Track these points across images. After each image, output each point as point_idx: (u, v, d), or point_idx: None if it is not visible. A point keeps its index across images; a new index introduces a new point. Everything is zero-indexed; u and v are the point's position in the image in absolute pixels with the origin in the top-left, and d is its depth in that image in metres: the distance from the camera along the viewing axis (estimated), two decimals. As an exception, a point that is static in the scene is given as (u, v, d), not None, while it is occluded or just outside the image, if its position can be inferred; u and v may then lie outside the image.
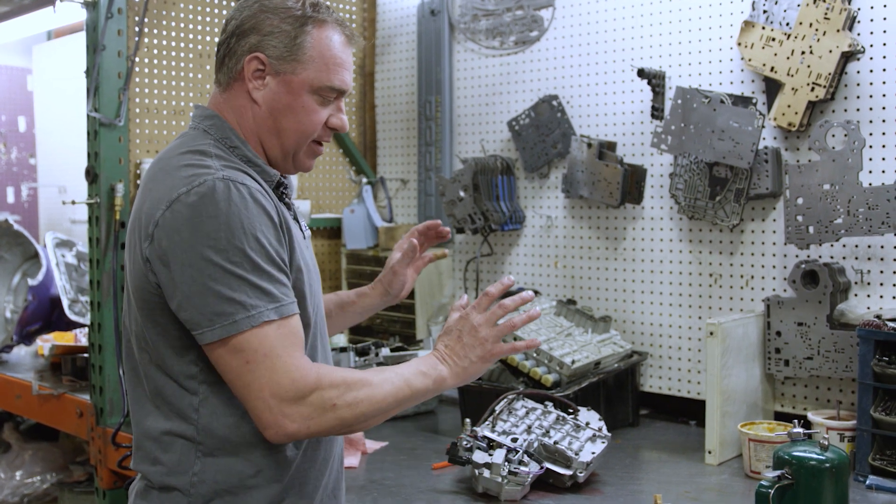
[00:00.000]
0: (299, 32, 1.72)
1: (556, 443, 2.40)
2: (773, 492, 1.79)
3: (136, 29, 3.15)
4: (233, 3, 3.49)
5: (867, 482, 2.32)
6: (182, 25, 3.33)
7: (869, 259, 2.66)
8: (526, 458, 2.34)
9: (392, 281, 2.20)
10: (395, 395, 1.67)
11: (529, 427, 2.47)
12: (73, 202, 3.03)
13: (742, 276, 2.92)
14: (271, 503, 1.69)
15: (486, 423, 2.49)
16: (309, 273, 1.75)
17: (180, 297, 1.57)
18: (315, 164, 3.75)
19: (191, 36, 3.36)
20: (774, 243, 2.84)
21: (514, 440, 2.39)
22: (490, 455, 2.34)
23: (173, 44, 3.31)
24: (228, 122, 1.75)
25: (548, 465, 2.35)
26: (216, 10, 3.42)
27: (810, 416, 2.56)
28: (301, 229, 1.84)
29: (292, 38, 1.72)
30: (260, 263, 1.57)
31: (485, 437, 2.41)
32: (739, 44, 2.79)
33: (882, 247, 2.63)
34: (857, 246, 2.67)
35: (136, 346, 1.70)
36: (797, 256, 2.75)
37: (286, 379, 1.56)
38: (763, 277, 2.88)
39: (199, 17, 3.38)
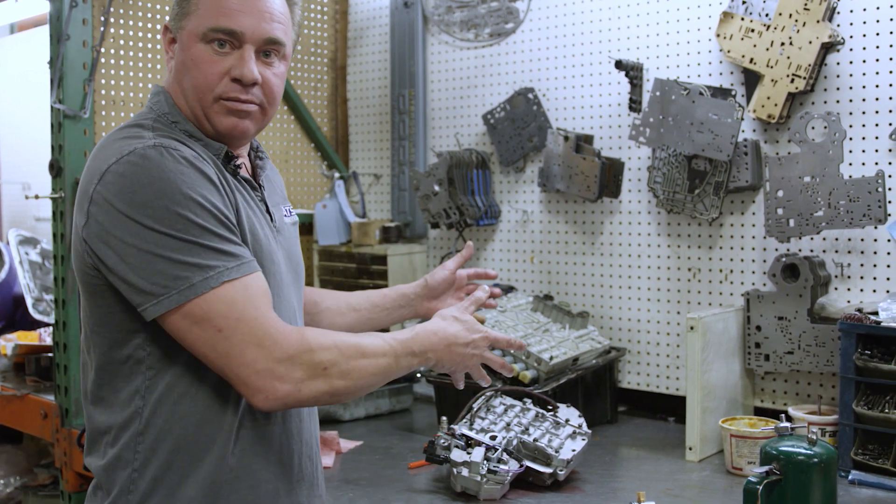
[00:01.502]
0: None
1: (535, 440, 2.35)
2: (761, 488, 1.75)
3: (102, 18, 3.06)
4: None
5: (849, 477, 2.30)
6: (149, 15, 3.25)
7: (849, 252, 2.63)
8: (505, 457, 2.29)
9: (437, 276, 2.22)
10: (385, 370, 1.63)
11: (508, 424, 2.42)
12: (37, 196, 2.94)
13: (721, 270, 2.89)
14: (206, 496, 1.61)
15: (464, 420, 2.43)
16: (262, 253, 1.64)
17: (125, 272, 1.47)
18: (286, 159, 3.71)
19: (158, 26, 3.27)
20: (754, 237, 2.81)
21: (493, 438, 2.33)
22: (468, 453, 2.28)
23: (140, 34, 3.23)
24: (171, 96, 1.69)
25: (527, 463, 2.30)
26: (184, 1, 3.34)
27: (791, 411, 2.54)
28: (268, 212, 1.75)
29: None
30: (207, 226, 1.49)
31: (463, 435, 2.36)
32: (718, 35, 2.75)
33: (862, 240, 2.61)
34: (837, 239, 2.65)
35: (84, 334, 1.64)
36: (777, 250, 2.72)
37: (269, 340, 1.48)
38: (742, 271, 2.84)
39: (167, 7, 3.30)
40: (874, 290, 2.60)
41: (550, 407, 2.54)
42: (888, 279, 2.58)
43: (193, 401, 1.58)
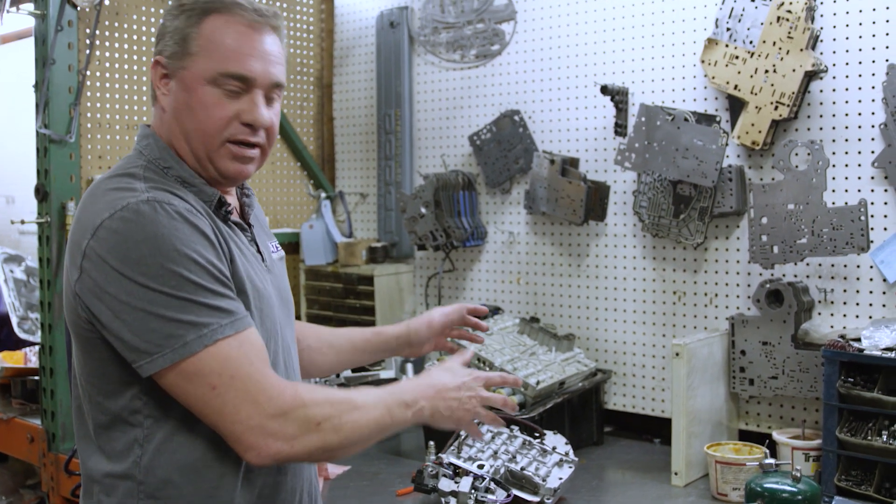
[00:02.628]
0: (188, 24, 1.62)
1: (523, 469, 2.36)
2: (746, 525, 1.77)
3: (88, 42, 3.05)
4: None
5: (833, 503, 2.31)
6: (135, 38, 3.25)
7: (832, 278, 2.66)
8: (493, 486, 2.30)
9: (420, 329, 2.14)
10: (378, 423, 1.59)
11: (496, 452, 2.43)
12: (23, 221, 2.93)
13: (706, 294, 2.91)
14: None
15: (452, 448, 2.45)
16: (259, 297, 1.64)
17: (119, 328, 1.47)
18: (273, 178, 3.72)
19: (144, 48, 3.27)
20: (738, 261, 2.84)
21: (481, 466, 2.35)
22: (456, 483, 2.30)
23: (126, 56, 3.22)
24: (163, 139, 1.66)
25: (515, 491, 2.32)
26: (170, 22, 3.34)
27: (775, 435, 2.56)
28: (259, 251, 1.75)
29: (182, 31, 1.62)
30: (201, 282, 1.48)
31: (451, 463, 2.37)
32: (703, 61, 2.78)
33: (845, 266, 2.64)
34: (820, 265, 2.67)
35: (79, 382, 1.62)
36: (761, 275, 2.74)
37: (263, 397, 1.47)
38: (727, 295, 2.87)
39: (153, 30, 3.29)
40: (857, 316, 2.63)
41: (537, 434, 2.55)
42: (871, 305, 2.60)
43: (192, 448, 1.57)
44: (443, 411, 1.72)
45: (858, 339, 2.42)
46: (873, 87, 2.58)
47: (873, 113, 2.58)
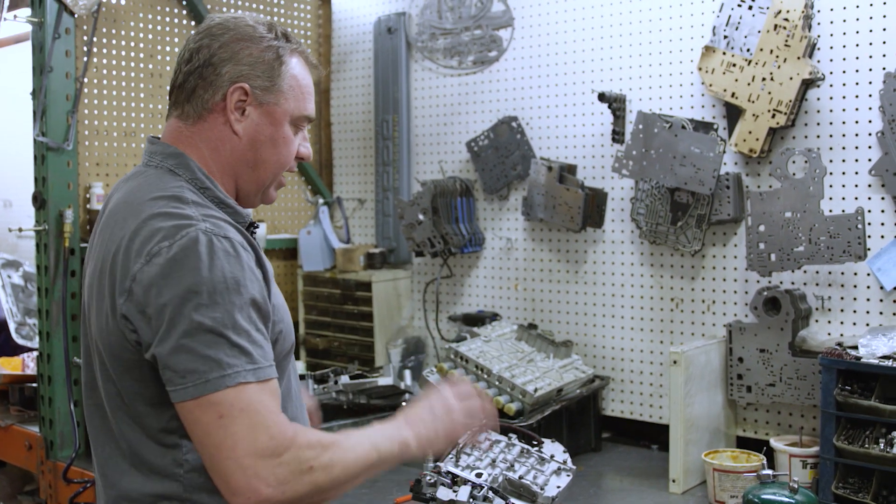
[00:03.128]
0: (279, 63, 1.68)
1: (521, 477, 2.36)
2: (744, 536, 1.78)
3: (85, 49, 3.05)
4: (185, 23, 3.41)
5: (830, 511, 2.32)
6: (132, 45, 3.25)
7: (829, 285, 2.66)
8: (490, 495, 2.30)
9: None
10: (366, 460, 1.58)
11: (494, 461, 2.43)
12: (20, 230, 2.93)
13: (704, 301, 2.91)
14: None
15: (450, 456, 2.45)
16: (284, 311, 1.72)
17: (158, 352, 1.48)
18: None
19: (141, 55, 3.27)
20: (736, 268, 2.84)
21: (479, 475, 2.34)
22: (454, 492, 2.29)
23: (123, 63, 3.22)
24: (194, 159, 1.66)
25: (513, 500, 2.31)
26: (167, 29, 3.34)
27: (772, 442, 2.57)
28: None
29: (274, 68, 1.67)
30: (240, 322, 1.49)
31: (449, 472, 2.37)
32: (700, 69, 2.78)
33: (842, 273, 2.64)
34: (817, 272, 2.68)
35: (109, 404, 1.60)
36: (758, 282, 2.75)
37: (264, 435, 1.46)
38: (725, 302, 2.87)
39: (150, 37, 3.30)
40: (854, 323, 2.63)
41: (535, 442, 2.55)
42: (868, 312, 2.61)
43: None
44: (432, 438, 1.73)
45: (856, 347, 2.42)
46: (870, 96, 2.59)
47: (870, 121, 2.59)
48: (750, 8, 2.73)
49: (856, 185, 2.62)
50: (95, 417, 1.65)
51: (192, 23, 3.40)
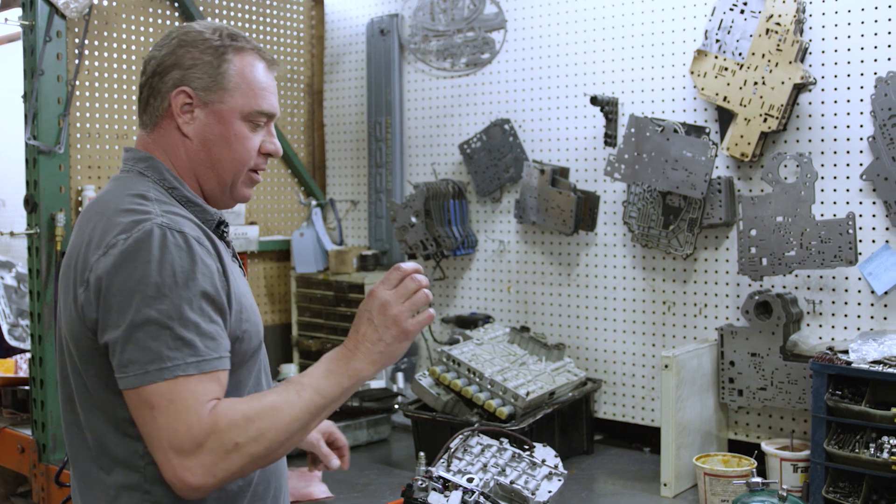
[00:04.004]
0: (221, 61, 1.71)
1: (512, 482, 2.36)
2: (733, 544, 1.78)
3: (76, 52, 3.05)
4: (176, 25, 3.40)
5: (821, 515, 2.33)
6: (124, 48, 3.24)
7: (821, 289, 2.67)
8: (482, 500, 2.30)
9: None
10: (307, 409, 1.57)
11: (485, 465, 2.43)
12: (12, 234, 2.92)
13: (695, 304, 2.92)
14: None
15: (442, 461, 2.45)
16: (250, 310, 1.72)
17: (108, 340, 1.52)
18: (263, 185, 3.71)
19: (133, 58, 3.27)
20: (727, 272, 2.85)
21: (470, 480, 2.34)
22: (446, 497, 2.29)
23: (115, 66, 3.21)
24: (162, 162, 1.72)
25: (504, 505, 2.32)
26: (159, 32, 3.34)
27: (763, 445, 2.57)
28: (239, 265, 1.83)
29: (215, 67, 1.71)
30: (187, 314, 1.52)
31: (440, 477, 2.37)
32: (692, 72, 2.78)
33: (833, 277, 2.65)
34: (809, 276, 2.68)
35: (78, 396, 1.64)
36: (750, 286, 2.76)
37: (183, 426, 1.47)
38: (716, 306, 2.88)
39: (142, 39, 3.29)
40: (845, 328, 2.64)
41: (527, 446, 2.55)
42: (859, 316, 2.61)
43: None
44: (382, 350, 1.63)
45: (846, 352, 2.43)
46: (861, 100, 2.59)
47: (861, 125, 2.59)
48: (742, 12, 2.73)
49: (847, 190, 2.62)
50: (67, 411, 1.70)
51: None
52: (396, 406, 3.14)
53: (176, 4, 3.39)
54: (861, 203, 2.60)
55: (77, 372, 1.62)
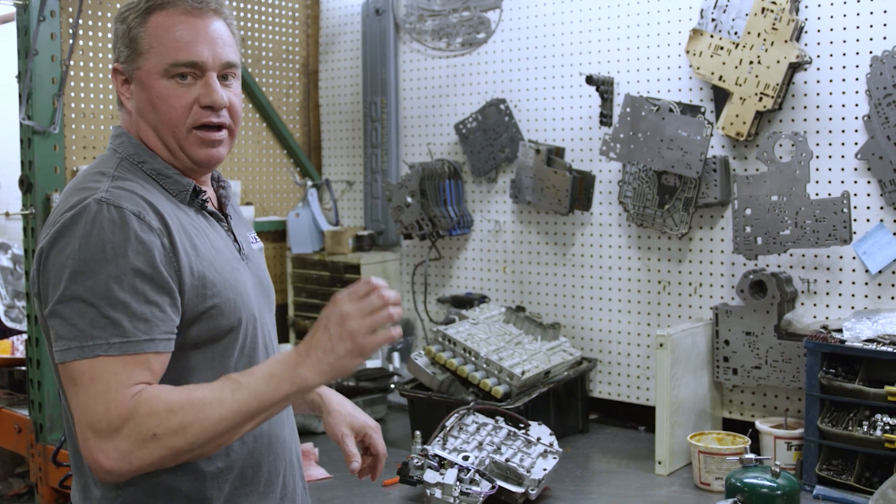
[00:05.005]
0: (132, 27, 1.68)
1: (507, 460, 2.38)
2: (726, 520, 1.79)
3: (70, 32, 3.03)
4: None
5: (814, 492, 2.34)
6: (119, 27, 3.22)
7: (815, 269, 2.68)
8: (477, 478, 2.32)
9: (328, 420, 2.00)
10: (238, 411, 1.49)
11: (481, 443, 2.45)
12: (7, 214, 2.92)
13: (690, 284, 2.93)
14: None
15: (437, 439, 2.46)
16: (230, 287, 1.65)
17: (46, 315, 1.51)
18: (258, 166, 3.71)
19: (128, 37, 3.25)
20: (723, 251, 2.85)
21: (466, 458, 2.36)
22: (441, 475, 2.31)
23: (109, 46, 3.20)
24: (139, 135, 1.71)
25: (500, 483, 2.34)
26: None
27: (758, 424, 2.59)
28: (236, 241, 1.77)
29: (129, 34, 1.68)
30: (115, 293, 1.48)
31: (436, 455, 2.39)
32: (688, 51, 2.78)
33: (828, 256, 2.65)
34: (803, 255, 2.69)
35: (55, 375, 1.61)
36: (745, 265, 2.76)
37: (101, 407, 1.44)
38: (711, 285, 2.88)
39: (137, 18, 3.27)
40: (839, 307, 2.65)
41: (522, 425, 2.57)
42: (853, 296, 2.62)
43: None
44: (332, 362, 1.53)
45: (840, 330, 2.44)
46: (857, 79, 2.59)
47: (857, 105, 2.59)
48: (737, -9, 2.73)
49: (842, 169, 2.63)
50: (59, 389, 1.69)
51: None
52: (392, 385, 3.15)
53: (170, -16, 3.37)
54: (856, 182, 2.60)
55: (49, 350, 1.61)
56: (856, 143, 2.60)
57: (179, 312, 1.57)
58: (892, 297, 2.57)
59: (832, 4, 2.62)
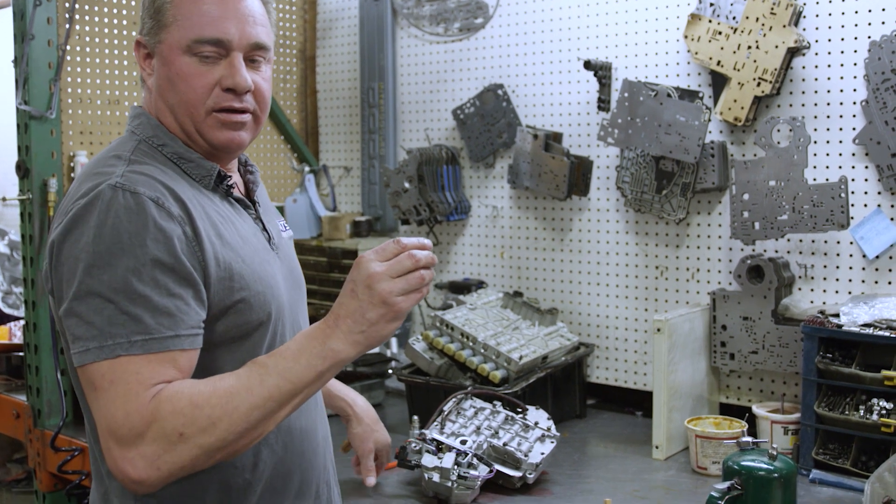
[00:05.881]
0: None
1: (505, 444, 2.39)
2: (723, 502, 1.80)
3: (67, 16, 3.02)
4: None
5: (810, 476, 2.35)
6: (115, 11, 3.21)
7: (813, 254, 2.68)
8: (475, 461, 2.33)
9: (355, 427, 2.16)
10: (271, 397, 1.37)
11: (478, 428, 2.46)
12: (4, 199, 2.92)
13: (688, 269, 2.93)
14: None
15: (435, 424, 2.47)
16: (258, 279, 1.54)
17: (60, 312, 1.41)
18: (256, 152, 3.70)
19: (124, 22, 3.24)
20: (720, 236, 2.85)
21: (464, 442, 2.37)
22: (439, 459, 2.32)
23: (106, 30, 3.19)
24: (158, 116, 1.60)
25: (497, 466, 2.34)
26: (151, -5, 3.31)
27: (755, 408, 2.59)
28: (265, 229, 1.67)
29: (154, 4, 1.57)
30: (135, 286, 1.36)
31: (433, 439, 2.39)
32: (686, 36, 2.77)
33: (825, 241, 2.66)
34: (801, 241, 2.69)
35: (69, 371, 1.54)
36: (742, 250, 2.77)
37: (121, 412, 1.32)
38: (709, 270, 2.89)
39: (134, 3, 3.26)
40: (836, 291, 2.65)
41: (520, 409, 2.57)
42: (850, 281, 2.63)
43: None
44: (364, 330, 1.41)
45: (837, 315, 2.44)
46: (855, 64, 2.59)
47: (855, 90, 2.59)
48: (736, -25, 2.72)
49: (840, 154, 2.63)
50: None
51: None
52: (390, 371, 3.15)
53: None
54: (853, 167, 2.60)
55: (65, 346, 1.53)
56: (854, 129, 2.60)
57: (205, 306, 1.45)
58: (889, 282, 2.57)
59: (831, -11, 2.62)
